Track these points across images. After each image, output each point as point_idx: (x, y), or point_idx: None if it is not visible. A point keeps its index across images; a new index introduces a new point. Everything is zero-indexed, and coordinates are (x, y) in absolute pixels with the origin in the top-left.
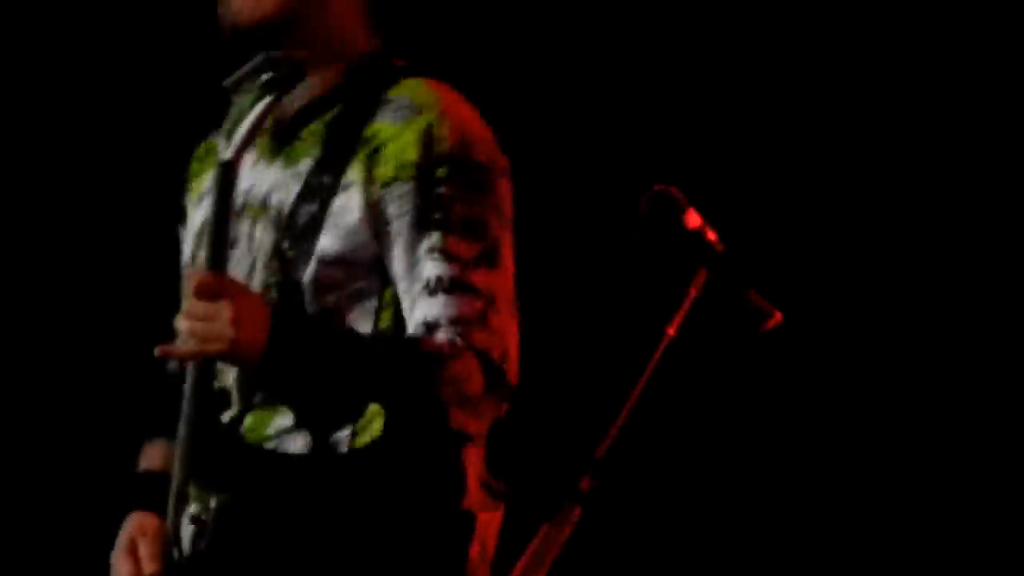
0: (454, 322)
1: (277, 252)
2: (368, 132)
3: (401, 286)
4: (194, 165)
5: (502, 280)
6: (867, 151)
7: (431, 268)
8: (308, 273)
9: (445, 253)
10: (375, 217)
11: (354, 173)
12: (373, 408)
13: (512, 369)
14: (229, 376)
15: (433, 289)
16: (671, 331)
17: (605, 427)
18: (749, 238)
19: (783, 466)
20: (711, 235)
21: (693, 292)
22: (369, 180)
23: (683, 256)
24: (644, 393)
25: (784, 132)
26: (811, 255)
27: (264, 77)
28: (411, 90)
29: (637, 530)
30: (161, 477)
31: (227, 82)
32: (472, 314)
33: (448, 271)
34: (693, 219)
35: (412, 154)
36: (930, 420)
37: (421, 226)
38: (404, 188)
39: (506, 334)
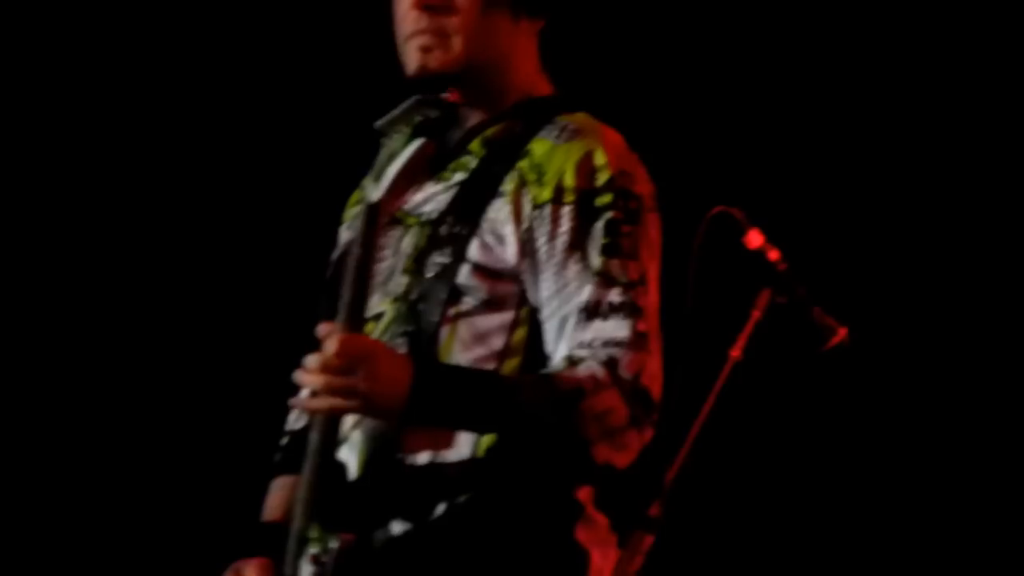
0: (608, 344)
1: (418, 259)
2: (529, 147)
3: (550, 306)
4: (350, 209)
5: (652, 307)
6: (927, 170)
7: (588, 291)
8: (449, 278)
9: (604, 276)
10: (525, 234)
11: (509, 185)
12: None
13: (657, 392)
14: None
15: (591, 312)
16: (736, 354)
17: (673, 453)
18: (813, 256)
19: (851, 489)
20: (773, 254)
21: (756, 314)
22: (522, 197)
23: (746, 277)
24: (711, 417)
25: (843, 150)
26: (875, 270)
27: (417, 119)
28: (573, 118)
29: (709, 556)
30: (279, 528)
31: (379, 124)
32: (628, 336)
33: (608, 295)
34: (755, 239)
35: (571, 179)
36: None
37: (577, 249)
38: (561, 211)
39: (656, 358)
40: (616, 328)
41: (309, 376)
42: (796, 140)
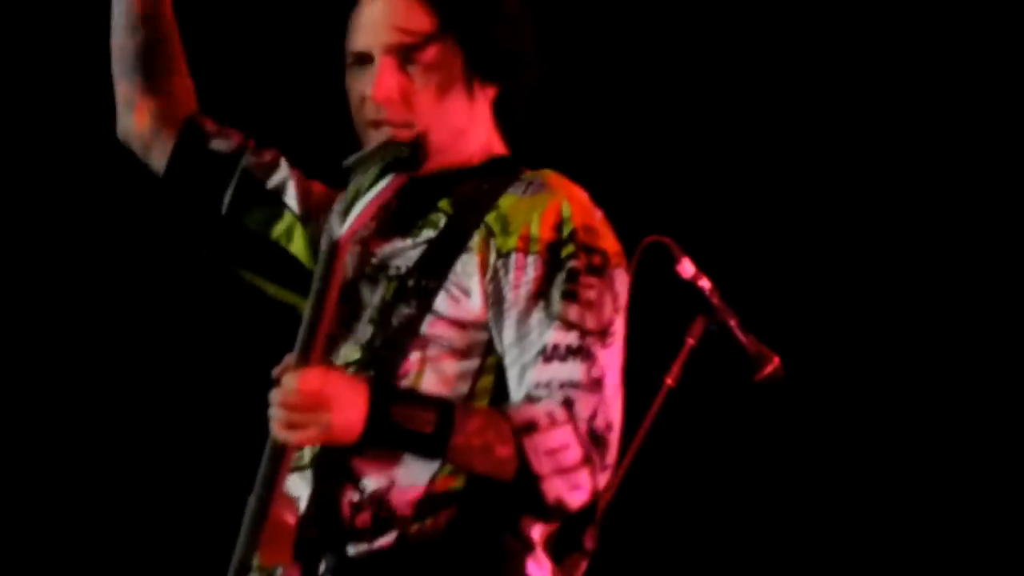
0: (564, 385)
1: (384, 310)
2: (496, 201)
3: (511, 353)
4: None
5: (614, 359)
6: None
7: (549, 335)
8: (415, 329)
9: (565, 322)
10: (490, 284)
11: (476, 239)
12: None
13: (613, 441)
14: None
15: (549, 355)
16: (670, 381)
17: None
18: (745, 285)
19: (786, 516)
20: (706, 284)
21: (690, 341)
22: (488, 248)
23: (679, 306)
24: (645, 443)
25: (776, 180)
26: (807, 299)
27: (387, 158)
28: (540, 173)
29: None
30: None
31: (348, 161)
32: (585, 380)
33: (566, 339)
34: (687, 269)
35: (538, 229)
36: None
37: (541, 298)
38: (527, 260)
39: (612, 407)
40: (572, 371)
41: (273, 411)
42: (729, 172)
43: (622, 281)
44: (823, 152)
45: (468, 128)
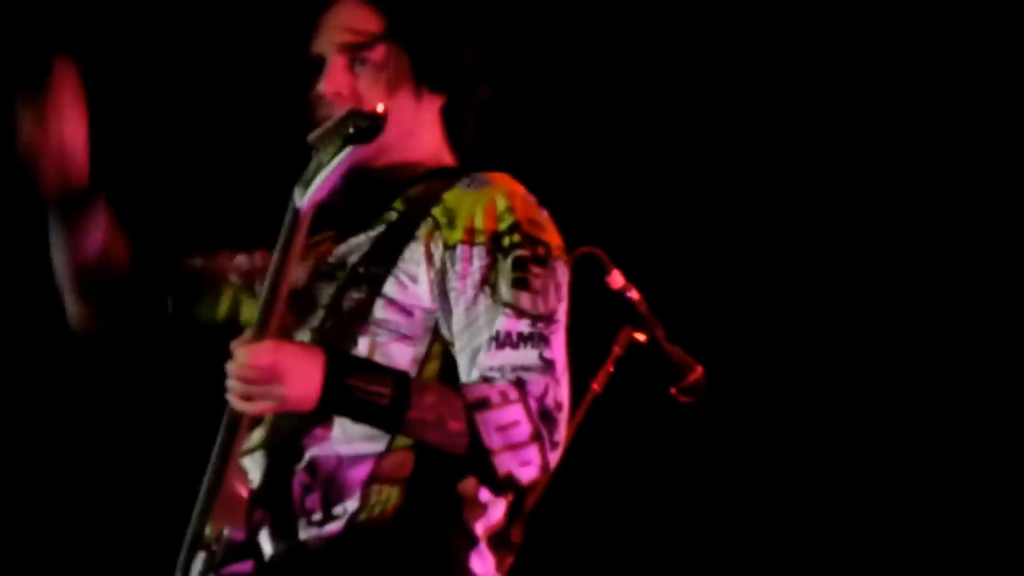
0: (517, 368)
1: (336, 296)
2: (442, 196)
3: (461, 339)
4: None
5: (560, 343)
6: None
7: (501, 322)
8: (365, 314)
9: (516, 309)
10: (438, 275)
11: (422, 230)
12: (388, 489)
13: (563, 420)
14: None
15: (502, 341)
16: (596, 387)
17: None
18: (673, 296)
19: (705, 516)
20: (634, 295)
21: (616, 350)
22: (434, 240)
23: (607, 315)
24: (571, 446)
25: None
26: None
27: (349, 130)
28: (484, 172)
29: None
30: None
31: (312, 137)
32: (536, 363)
33: (517, 326)
34: (616, 280)
35: (482, 221)
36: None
37: (487, 284)
38: (472, 251)
39: (562, 388)
40: (525, 356)
41: (229, 382)
42: (659, 186)
43: (563, 273)
44: (750, 168)
45: (416, 130)
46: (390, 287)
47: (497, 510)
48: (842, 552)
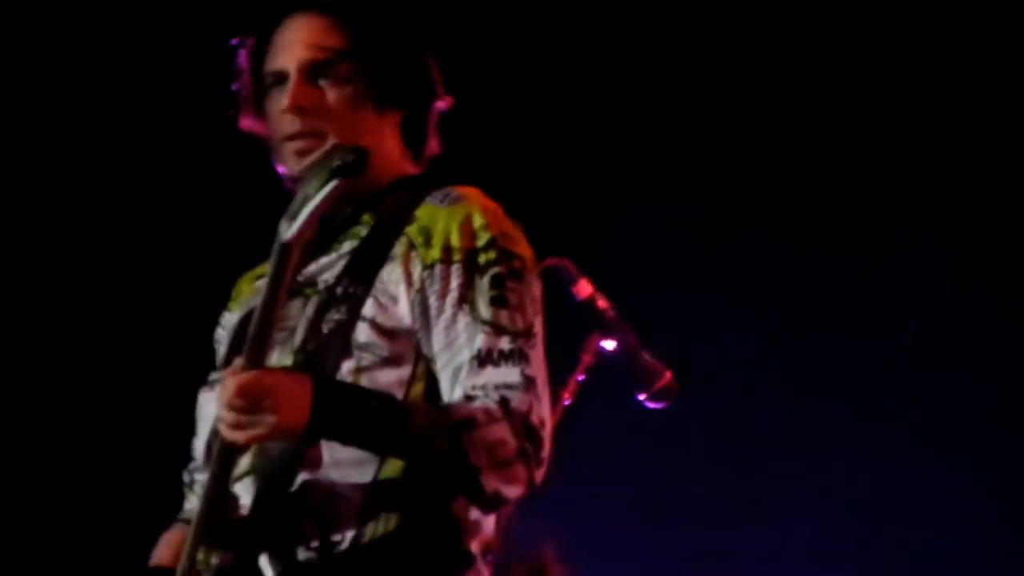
0: (500, 387)
1: (315, 318)
2: (416, 212)
3: (442, 358)
4: (242, 286)
5: (540, 358)
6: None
7: (481, 340)
8: (347, 338)
9: (496, 327)
10: (417, 295)
11: (398, 249)
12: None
13: (547, 437)
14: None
15: (484, 360)
16: (567, 395)
17: None
18: (641, 303)
19: (678, 522)
20: (602, 303)
21: (586, 358)
22: (411, 260)
23: (576, 324)
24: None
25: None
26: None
27: (335, 163)
28: (454, 187)
29: None
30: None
31: (298, 169)
32: (519, 380)
33: (498, 343)
34: (584, 288)
35: (457, 239)
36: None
37: (465, 303)
38: (450, 269)
39: (544, 405)
40: (507, 374)
41: (219, 413)
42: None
43: (537, 285)
44: (712, 176)
45: (378, 143)
46: (370, 309)
47: (489, 526)
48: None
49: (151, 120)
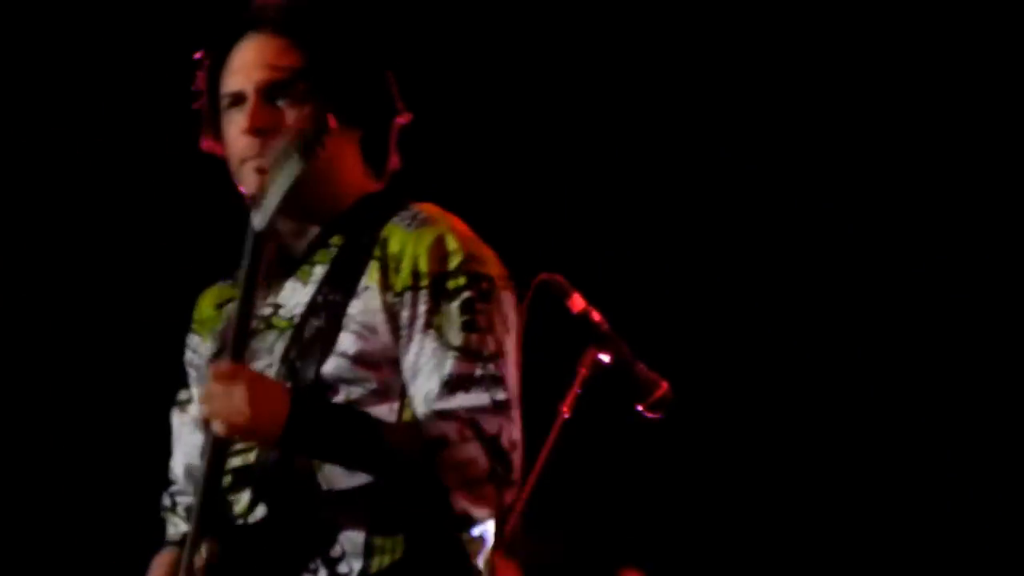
0: (471, 411)
1: (286, 358)
2: (382, 234)
3: (414, 384)
4: (203, 307)
5: (511, 378)
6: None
7: (451, 366)
8: (325, 370)
9: (467, 352)
10: (392, 320)
11: (370, 278)
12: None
13: (518, 458)
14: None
15: (454, 386)
16: (565, 410)
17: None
18: (635, 315)
19: (682, 538)
20: (596, 316)
21: (583, 371)
22: (385, 286)
23: (571, 338)
24: (543, 471)
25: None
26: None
27: (297, 144)
28: (420, 207)
29: None
30: None
31: (269, 160)
32: (489, 404)
33: (469, 368)
34: (577, 303)
35: (425, 264)
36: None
37: (432, 328)
38: (418, 295)
39: (515, 426)
40: (478, 398)
41: (202, 404)
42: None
43: (508, 303)
44: (710, 190)
45: (339, 162)
46: (349, 343)
47: (489, 537)
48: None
49: (118, 132)
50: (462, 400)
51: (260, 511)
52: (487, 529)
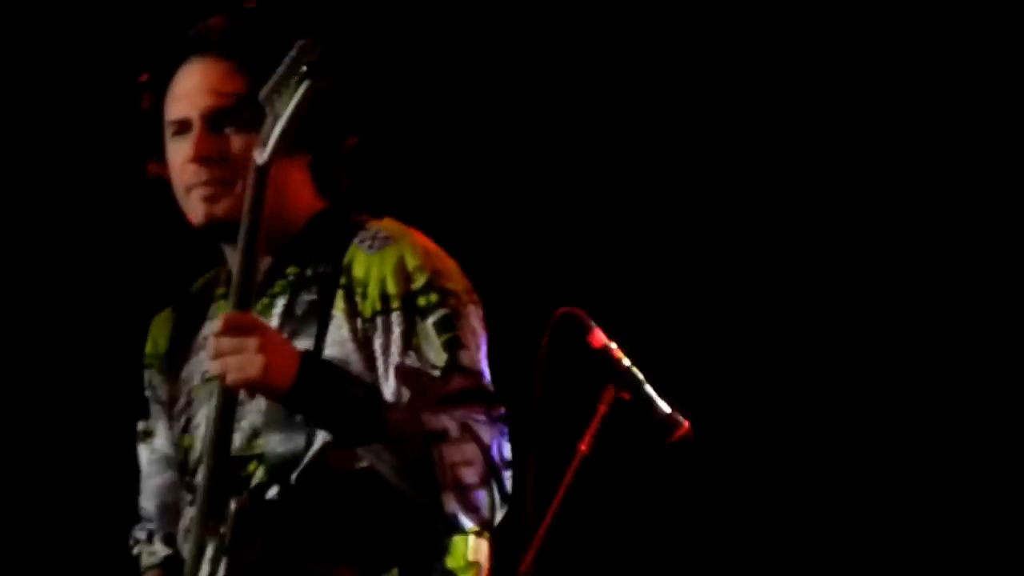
0: (467, 419)
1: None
2: (345, 260)
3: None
4: (157, 336)
5: (495, 394)
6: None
7: (437, 385)
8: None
9: (448, 370)
10: (364, 348)
11: (339, 307)
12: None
13: (509, 477)
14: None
15: (446, 401)
16: (584, 447)
17: (525, 544)
18: (656, 353)
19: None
20: (616, 353)
21: (602, 409)
22: (353, 313)
23: (591, 375)
24: (561, 508)
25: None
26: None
27: (303, 68)
28: (381, 225)
29: None
30: None
31: (263, 93)
32: (485, 417)
33: (460, 383)
34: (598, 339)
35: (393, 286)
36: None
37: (411, 349)
38: (390, 318)
39: (507, 444)
40: (474, 411)
41: (209, 349)
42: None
43: (476, 316)
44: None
45: (287, 187)
46: None
47: (485, 561)
48: None
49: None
50: (456, 416)
51: (273, 491)
52: (477, 551)
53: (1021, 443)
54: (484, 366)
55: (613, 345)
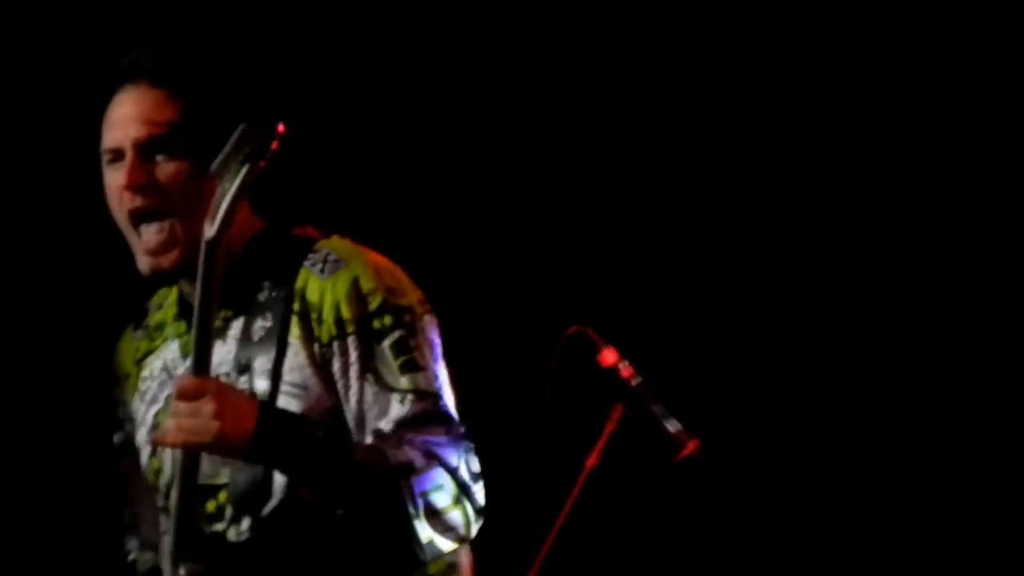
0: (428, 443)
1: None
2: (298, 285)
3: (361, 432)
4: (125, 362)
5: (453, 407)
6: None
7: (396, 409)
8: None
9: (409, 393)
10: (322, 371)
11: (294, 334)
12: None
13: (480, 490)
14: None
15: (404, 424)
16: (591, 463)
17: (532, 557)
18: (668, 371)
19: None
20: (625, 372)
21: (610, 426)
22: (309, 338)
23: (600, 392)
24: (567, 523)
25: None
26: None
27: (246, 150)
28: (330, 246)
29: None
30: None
31: (214, 166)
32: (446, 438)
33: (416, 408)
34: (608, 357)
35: (347, 310)
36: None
37: (369, 372)
38: (347, 342)
39: (474, 458)
40: (434, 434)
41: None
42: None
43: (431, 326)
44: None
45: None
46: (284, 404)
47: (467, 559)
48: None
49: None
50: (419, 437)
51: (245, 524)
52: (465, 560)
53: None
54: (441, 383)
55: (623, 364)
